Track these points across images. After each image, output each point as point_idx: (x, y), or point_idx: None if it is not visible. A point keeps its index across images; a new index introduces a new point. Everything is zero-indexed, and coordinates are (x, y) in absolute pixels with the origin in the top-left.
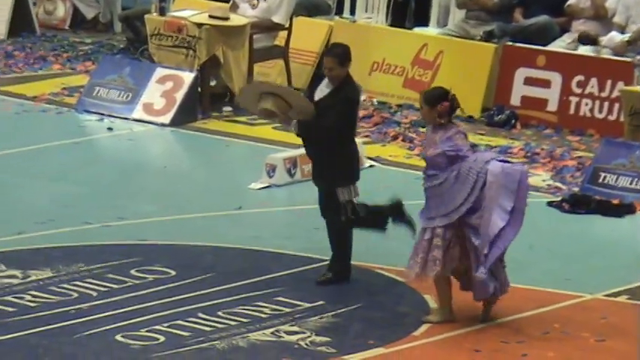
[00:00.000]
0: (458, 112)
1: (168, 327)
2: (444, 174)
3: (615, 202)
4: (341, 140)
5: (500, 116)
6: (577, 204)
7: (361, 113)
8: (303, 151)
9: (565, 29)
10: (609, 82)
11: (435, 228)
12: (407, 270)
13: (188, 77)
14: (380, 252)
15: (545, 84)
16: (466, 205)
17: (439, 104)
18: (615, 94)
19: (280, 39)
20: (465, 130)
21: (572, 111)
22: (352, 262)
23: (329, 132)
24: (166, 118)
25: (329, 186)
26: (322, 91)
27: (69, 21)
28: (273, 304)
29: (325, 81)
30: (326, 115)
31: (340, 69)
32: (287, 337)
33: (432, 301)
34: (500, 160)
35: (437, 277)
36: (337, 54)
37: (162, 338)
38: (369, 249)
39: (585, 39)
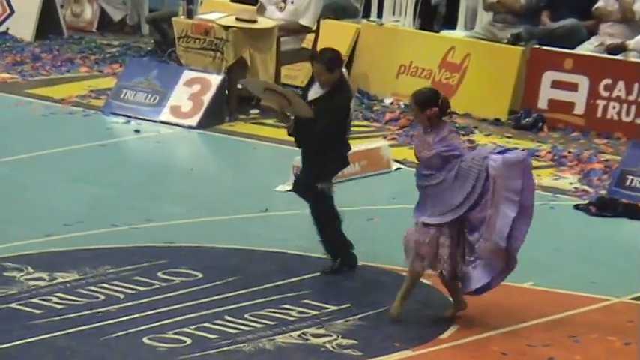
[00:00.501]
0: (485, 116)
1: (195, 329)
2: (442, 174)
3: None
4: (332, 144)
5: (527, 119)
6: (604, 207)
7: (388, 116)
8: None
9: (592, 32)
10: (636, 85)
11: (438, 226)
12: (412, 267)
13: (215, 80)
14: None
15: (573, 87)
16: (467, 203)
17: (429, 108)
18: None
19: (307, 42)
20: (455, 129)
21: (599, 114)
22: (379, 265)
23: (320, 137)
24: (193, 121)
25: (309, 182)
26: (316, 92)
27: (96, 23)
28: (300, 306)
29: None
30: (318, 118)
31: (329, 75)
32: (313, 340)
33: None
34: (499, 152)
35: (446, 275)
36: (325, 60)
37: (188, 340)
38: (394, 251)
39: (613, 50)
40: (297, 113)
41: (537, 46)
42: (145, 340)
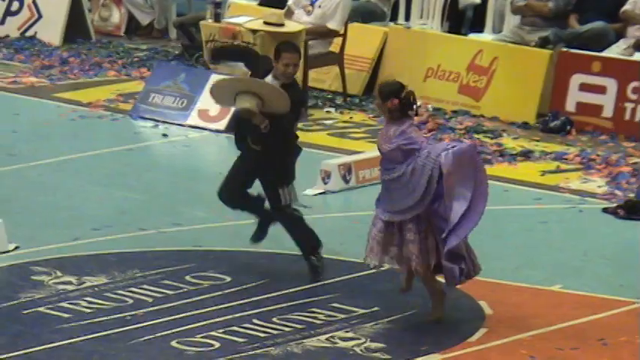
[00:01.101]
0: (513, 119)
1: (223, 333)
2: (402, 167)
3: None
4: (292, 139)
5: (555, 122)
6: (632, 210)
7: (416, 119)
8: (358, 157)
9: (621, 35)
10: None
11: (406, 222)
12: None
13: None
14: None
15: (601, 90)
16: (427, 198)
17: (389, 100)
18: None
19: (335, 45)
20: (415, 123)
21: (627, 117)
22: None
23: (289, 130)
24: (221, 125)
25: (271, 182)
26: None
27: (124, 27)
28: (328, 310)
29: (270, 77)
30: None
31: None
32: (342, 344)
33: (487, 307)
34: (451, 146)
35: (424, 271)
36: (298, 50)
37: (217, 344)
38: None
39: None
40: (273, 109)
41: (565, 49)
42: (174, 343)
